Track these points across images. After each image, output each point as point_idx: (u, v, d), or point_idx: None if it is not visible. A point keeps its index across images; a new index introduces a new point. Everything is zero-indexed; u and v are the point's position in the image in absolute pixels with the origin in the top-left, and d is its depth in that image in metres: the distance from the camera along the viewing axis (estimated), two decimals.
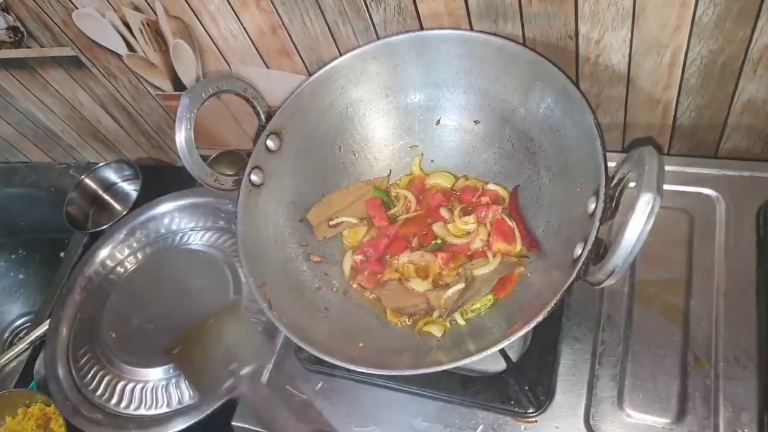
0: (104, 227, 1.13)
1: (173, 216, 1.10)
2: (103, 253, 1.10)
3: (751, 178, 0.81)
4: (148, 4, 0.91)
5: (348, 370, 0.68)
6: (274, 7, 0.86)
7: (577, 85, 0.69)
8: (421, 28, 0.83)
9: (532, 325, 0.61)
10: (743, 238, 0.77)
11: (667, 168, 0.83)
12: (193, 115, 0.74)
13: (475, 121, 0.84)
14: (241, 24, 0.90)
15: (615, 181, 0.64)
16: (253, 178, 0.79)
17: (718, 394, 0.68)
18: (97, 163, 1.29)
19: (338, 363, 0.66)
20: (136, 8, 0.92)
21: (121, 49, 1.01)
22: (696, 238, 0.79)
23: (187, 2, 0.89)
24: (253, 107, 0.81)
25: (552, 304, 0.61)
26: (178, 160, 0.82)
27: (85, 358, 0.98)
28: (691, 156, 0.90)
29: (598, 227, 0.61)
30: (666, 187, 0.82)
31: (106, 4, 0.93)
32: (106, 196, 1.29)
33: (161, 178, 1.21)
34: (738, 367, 0.69)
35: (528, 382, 0.72)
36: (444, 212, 0.82)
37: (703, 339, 0.72)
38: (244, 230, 0.76)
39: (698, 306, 0.74)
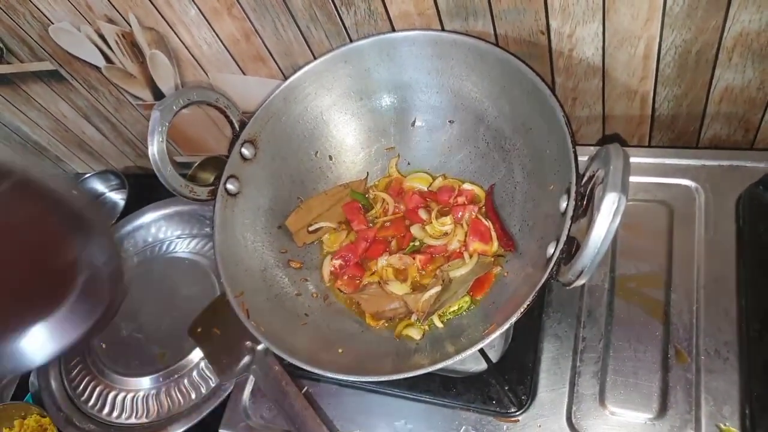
0: None
1: (159, 224, 1.10)
2: None
3: (730, 168, 0.80)
4: (121, 16, 0.91)
5: None
6: (246, 14, 0.86)
7: (546, 82, 0.68)
8: (393, 30, 0.83)
9: (505, 327, 0.61)
10: (723, 229, 0.76)
11: (645, 160, 0.85)
12: (164, 128, 0.74)
13: (449, 121, 0.84)
14: (215, 32, 0.90)
15: (585, 178, 0.63)
16: (229, 187, 0.79)
17: (700, 388, 0.68)
18: (85, 174, 1.29)
19: (319, 372, 0.66)
20: (110, 20, 0.92)
21: (99, 61, 1.01)
22: (676, 230, 0.78)
23: (159, 13, 0.89)
24: (226, 116, 0.81)
25: (525, 305, 0.61)
26: None
27: (76, 370, 0.99)
28: (672, 147, 0.90)
29: (570, 226, 0.61)
30: (645, 179, 0.84)
31: (80, 18, 0.93)
32: None
33: (148, 186, 1.21)
34: (719, 359, 0.69)
35: (508, 381, 0.72)
36: (422, 213, 0.82)
37: (683, 332, 0.71)
38: (221, 240, 0.76)
39: (679, 299, 0.74)
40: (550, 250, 0.63)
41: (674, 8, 0.69)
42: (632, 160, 0.82)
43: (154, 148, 0.73)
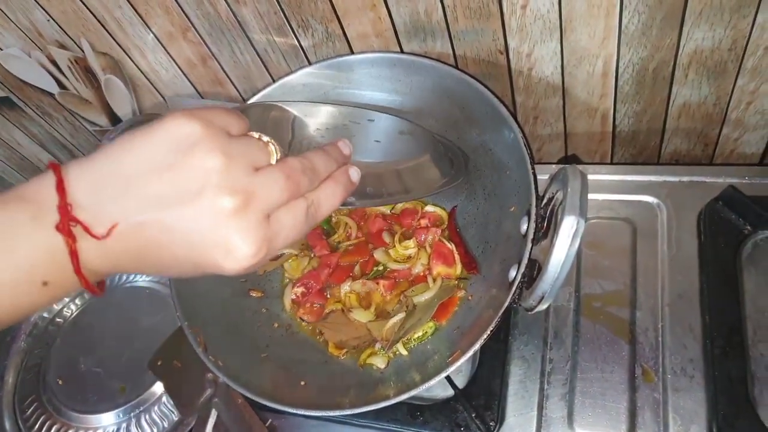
0: None
1: None
2: None
3: (691, 183, 0.81)
4: (73, 41, 0.89)
5: None
6: (202, 38, 0.84)
7: (505, 104, 0.68)
8: (351, 51, 0.82)
9: (471, 353, 0.60)
10: (685, 245, 0.76)
11: (607, 177, 0.85)
12: None
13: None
14: (171, 57, 0.88)
15: (545, 200, 0.63)
16: None
17: (667, 408, 0.67)
18: None
19: (280, 408, 0.65)
20: (62, 46, 0.90)
21: (52, 87, 0.98)
22: (639, 247, 0.78)
23: (113, 38, 0.87)
24: None
25: (490, 330, 0.60)
26: None
27: (31, 408, 0.94)
28: (634, 164, 0.90)
29: (530, 249, 0.60)
30: (608, 196, 0.83)
31: (30, 44, 0.90)
32: None
33: None
34: (685, 377, 0.68)
35: (476, 407, 0.71)
36: (386, 237, 0.81)
37: (650, 351, 0.71)
38: None
39: (644, 317, 0.73)
40: (512, 273, 0.62)
41: (630, 27, 0.70)
42: (594, 177, 0.84)
43: None
